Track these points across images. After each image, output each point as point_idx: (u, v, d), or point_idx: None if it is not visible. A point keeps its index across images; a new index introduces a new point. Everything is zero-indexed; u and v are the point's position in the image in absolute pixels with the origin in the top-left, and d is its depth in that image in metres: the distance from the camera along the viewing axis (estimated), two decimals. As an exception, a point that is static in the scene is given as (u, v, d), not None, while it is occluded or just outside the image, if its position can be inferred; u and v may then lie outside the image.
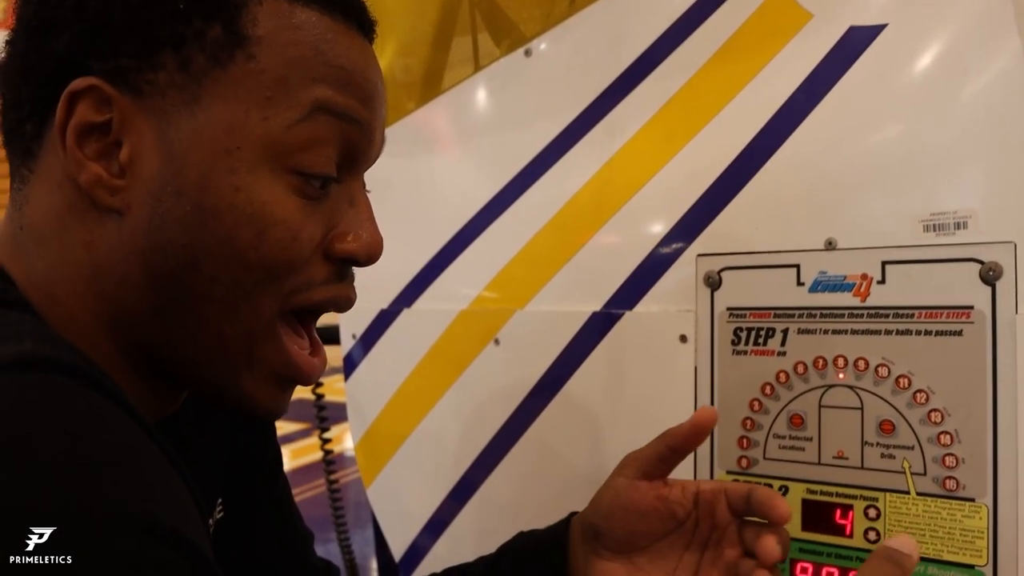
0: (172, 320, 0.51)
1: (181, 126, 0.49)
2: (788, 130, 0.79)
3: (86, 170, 0.49)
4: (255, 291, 0.50)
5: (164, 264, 0.49)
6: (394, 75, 1.17)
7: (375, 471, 1.14)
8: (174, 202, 0.49)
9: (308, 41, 0.51)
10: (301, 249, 0.51)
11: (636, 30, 0.91)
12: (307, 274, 0.52)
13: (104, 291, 0.51)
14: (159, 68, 0.49)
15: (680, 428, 0.68)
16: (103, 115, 0.49)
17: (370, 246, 0.55)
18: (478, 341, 1.00)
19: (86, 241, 0.50)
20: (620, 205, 0.89)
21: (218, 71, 0.49)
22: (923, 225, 0.71)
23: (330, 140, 0.52)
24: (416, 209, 1.10)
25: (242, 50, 0.49)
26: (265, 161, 0.50)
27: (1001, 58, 0.70)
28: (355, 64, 0.53)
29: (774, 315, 0.78)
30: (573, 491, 0.93)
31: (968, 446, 0.69)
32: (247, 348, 0.52)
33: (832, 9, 0.79)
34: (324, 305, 0.55)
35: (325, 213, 0.53)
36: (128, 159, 0.49)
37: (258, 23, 0.50)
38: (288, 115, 0.50)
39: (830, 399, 0.75)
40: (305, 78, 0.50)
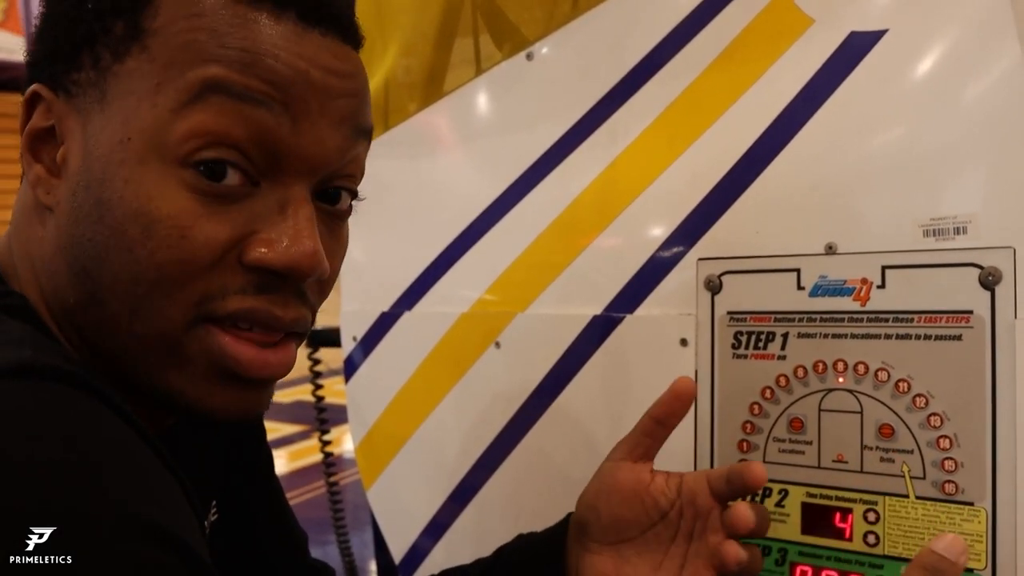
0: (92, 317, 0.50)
1: (94, 122, 0.50)
2: (789, 135, 0.79)
3: (32, 170, 0.51)
4: (155, 292, 0.48)
5: (78, 259, 0.49)
6: (396, 77, 1.17)
7: (375, 473, 1.14)
8: (83, 196, 0.49)
9: (206, 27, 0.48)
10: (192, 249, 0.47)
11: (638, 34, 0.92)
12: (218, 280, 0.49)
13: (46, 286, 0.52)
14: (80, 68, 0.50)
15: (661, 397, 0.70)
16: (49, 120, 0.51)
17: (291, 256, 0.49)
18: (479, 344, 1.00)
19: (38, 238, 0.52)
20: (621, 209, 0.89)
21: (117, 66, 0.49)
22: (923, 230, 0.72)
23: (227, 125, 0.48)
24: (417, 212, 1.10)
25: (138, 43, 0.49)
26: (153, 151, 0.48)
27: (1001, 63, 0.70)
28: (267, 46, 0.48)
29: (774, 319, 0.78)
30: (573, 494, 0.93)
31: (967, 450, 0.69)
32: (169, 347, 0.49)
33: (833, 14, 0.79)
34: (239, 316, 0.50)
35: (241, 216, 0.49)
36: (62, 158, 0.51)
37: (158, 15, 0.49)
38: (174, 98, 0.47)
39: (830, 403, 0.75)
40: (195, 60, 0.47)
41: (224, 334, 0.50)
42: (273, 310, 0.51)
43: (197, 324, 0.49)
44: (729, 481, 0.67)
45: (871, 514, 0.73)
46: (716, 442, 0.81)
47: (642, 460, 0.71)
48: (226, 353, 0.50)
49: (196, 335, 0.49)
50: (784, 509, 0.77)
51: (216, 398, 0.51)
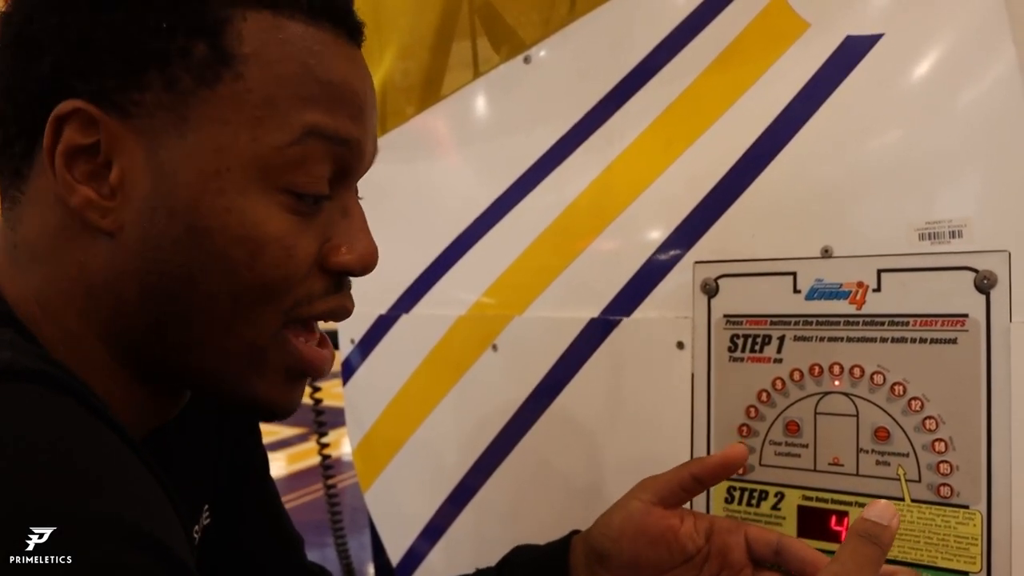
0: (172, 336, 0.51)
1: (170, 146, 0.48)
2: (785, 138, 0.79)
3: (76, 193, 0.49)
4: (255, 307, 0.50)
5: (159, 284, 0.49)
6: (394, 80, 1.17)
7: (373, 476, 1.14)
8: (166, 223, 0.48)
9: (296, 56, 0.50)
10: (297, 265, 0.51)
11: (635, 38, 0.92)
12: (306, 288, 0.52)
13: (100, 309, 0.51)
14: (145, 88, 0.48)
15: (709, 459, 0.68)
16: (91, 137, 0.48)
17: (364, 257, 0.55)
18: (476, 347, 1.00)
19: (80, 261, 0.50)
20: (618, 212, 0.89)
21: (205, 91, 0.48)
22: (918, 233, 0.72)
23: (321, 160, 0.51)
24: (415, 214, 1.10)
25: (229, 69, 0.48)
26: (255, 181, 0.49)
27: (996, 67, 0.70)
28: (344, 77, 0.52)
29: (771, 322, 0.78)
30: (570, 497, 0.93)
31: (962, 453, 0.69)
32: (254, 357, 0.52)
33: (829, 18, 0.79)
34: (324, 317, 0.55)
35: (319, 227, 0.53)
36: (118, 180, 0.49)
37: (244, 40, 0.49)
38: (278, 137, 0.49)
39: (826, 406, 0.75)
40: (295, 98, 0.50)
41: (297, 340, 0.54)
42: (347, 304, 0.56)
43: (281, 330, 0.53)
44: (779, 556, 0.66)
45: (867, 517, 0.73)
46: (712, 445, 0.81)
47: (673, 507, 0.70)
48: (302, 357, 0.54)
49: (276, 342, 0.53)
50: (780, 512, 0.77)
51: (289, 397, 0.55)
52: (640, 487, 0.71)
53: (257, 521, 0.79)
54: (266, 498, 0.80)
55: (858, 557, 0.53)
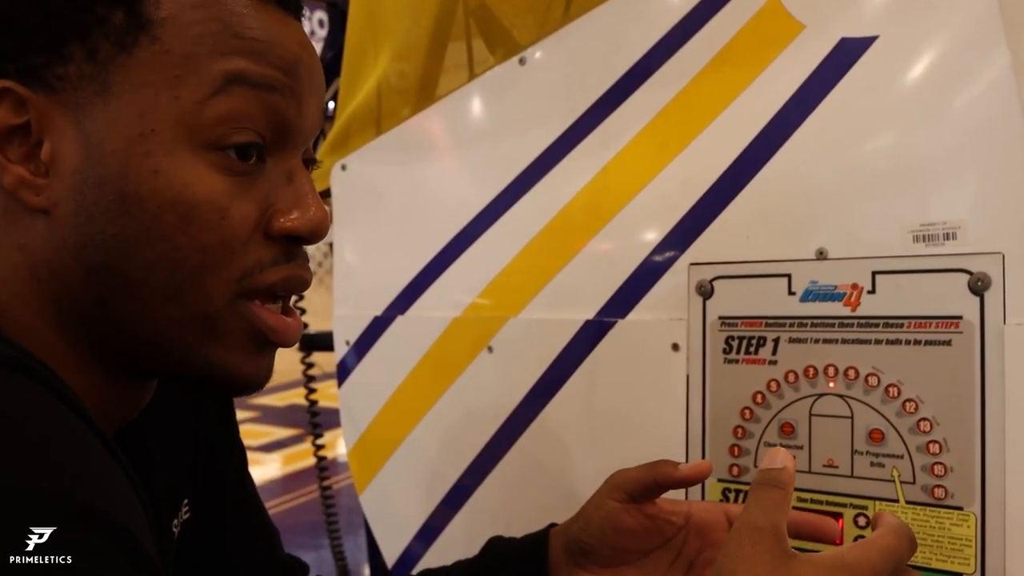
0: (117, 310, 0.50)
1: (96, 116, 0.48)
2: (780, 140, 0.80)
3: (8, 173, 0.49)
4: (197, 275, 0.50)
5: (97, 256, 0.49)
6: (389, 81, 1.17)
7: (368, 478, 1.14)
8: (97, 193, 0.48)
9: (214, 17, 0.50)
10: (233, 228, 0.50)
11: (630, 40, 0.92)
12: (253, 256, 0.51)
13: (45, 291, 0.50)
14: (68, 61, 0.48)
15: (676, 470, 0.69)
16: (21, 116, 0.49)
17: (312, 221, 0.53)
18: (471, 348, 1.00)
19: (20, 244, 0.50)
20: (613, 214, 0.89)
21: (124, 56, 0.48)
22: (913, 236, 0.72)
23: (250, 112, 0.50)
24: (410, 216, 1.10)
25: (146, 33, 0.48)
26: (182, 141, 0.49)
27: (990, 71, 0.70)
28: (270, 35, 0.51)
29: (765, 324, 0.78)
30: (565, 498, 0.93)
31: (957, 455, 0.70)
32: (208, 325, 0.51)
33: (824, 20, 0.79)
34: (279, 287, 0.53)
35: (260, 191, 0.52)
36: (49, 157, 0.49)
37: (161, 5, 0.49)
38: (200, 90, 0.49)
39: (820, 408, 0.75)
40: (213, 52, 0.49)
41: (258, 307, 0.53)
42: (302, 274, 0.55)
43: (236, 300, 0.52)
44: None
45: (861, 519, 0.73)
46: (707, 447, 0.82)
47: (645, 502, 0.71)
48: (265, 325, 0.53)
49: (234, 310, 0.52)
50: (775, 514, 0.77)
51: (252, 366, 0.54)
52: (611, 485, 0.72)
53: (236, 514, 0.79)
54: (244, 491, 0.81)
55: (764, 502, 0.54)
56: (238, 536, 0.79)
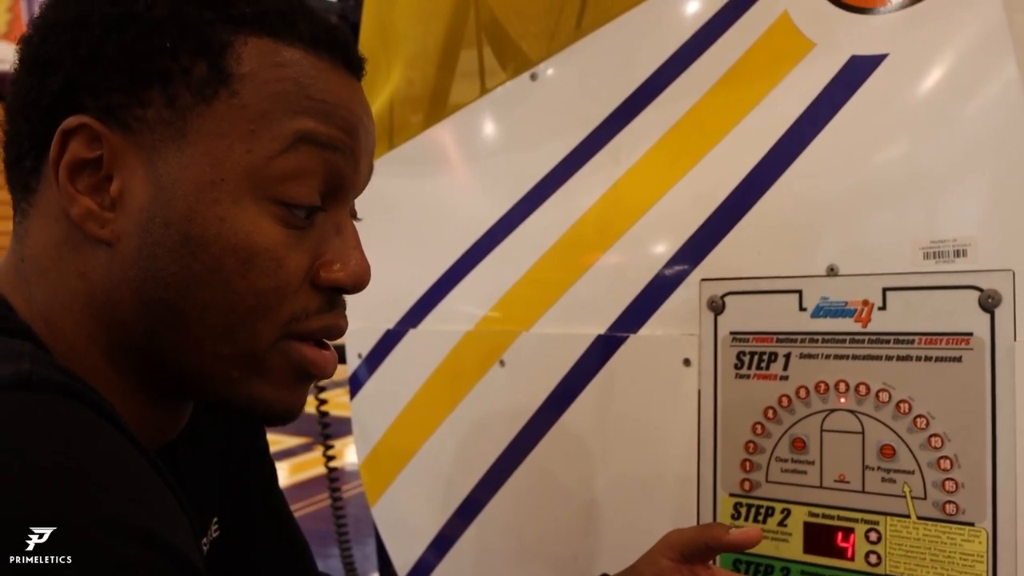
0: (168, 342, 0.52)
1: (169, 160, 0.50)
2: (791, 157, 0.80)
3: (77, 204, 0.51)
4: (249, 317, 0.52)
5: (156, 292, 0.51)
6: (400, 89, 1.18)
7: (380, 489, 1.15)
8: (163, 233, 0.50)
9: (291, 77, 0.52)
10: (287, 277, 0.52)
11: (641, 56, 0.93)
12: (301, 303, 0.54)
13: (99, 319, 0.52)
14: (147, 105, 0.50)
15: (727, 535, 0.70)
16: (94, 151, 0.51)
17: (356, 274, 0.56)
18: (484, 362, 1.01)
19: (80, 272, 0.52)
20: (625, 229, 0.90)
21: (203, 107, 0.50)
22: (923, 252, 0.72)
23: (314, 170, 0.53)
24: (423, 230, 1.11)
25: (226, 87, 0.50)
26: (248, 192, 0.51)
27: (999, 88, 0.71)
28: (337, 98, 0.54)
29: (776, 340, 0.79)
30: (577, 512, 0.93)
31: (967, 471, 0.70)
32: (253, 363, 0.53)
33: (834, 38, 0.80)
34: (319, 334, 0.56)
35: (311, 242, 0.54)
36: (118, 192, 0.51)
37: (243, 61, 0.51)
38: (270, 147, 0.51)
39: (832, 423, 0.76)
40: (287, 111, 0.52)
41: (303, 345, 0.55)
42: (340, 323, 0.57)
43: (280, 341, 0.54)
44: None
45: (873, 534, 0.74)
46: (719, 462, 0.82)
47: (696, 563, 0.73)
48: (307, 360, 0.55)
49: (279, 349, 0.54)
50: (787, 528, 0.78)
51: (292, 399, 0.56)
52: (666, 543, 0.73)
53: (266, 532, 0.79)
54: (275, 508, 0.81)
55: None
56: (269, 553, 0.79)
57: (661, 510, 0.86)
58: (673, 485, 0.84)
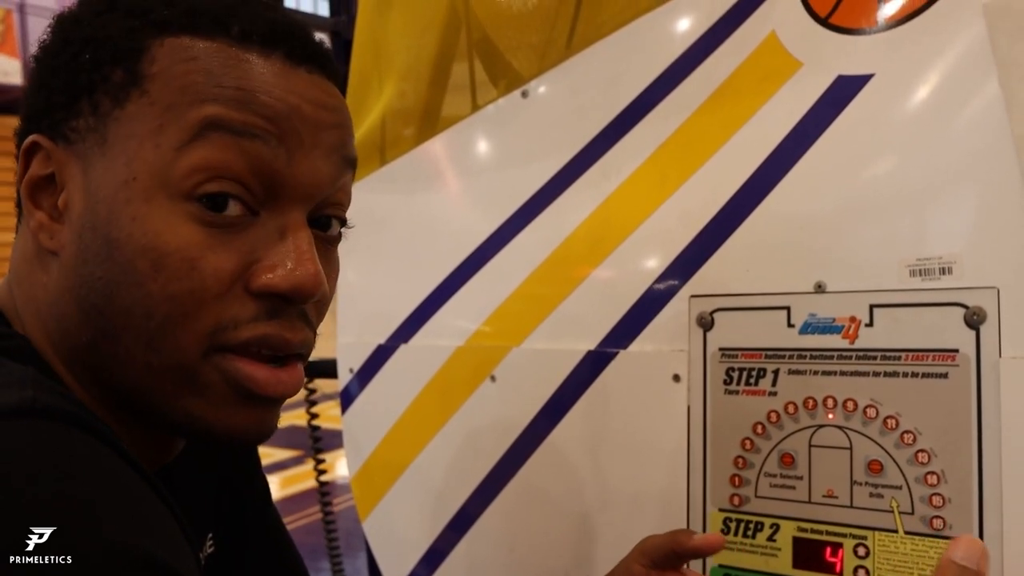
0: (105, 353, 0.51)
1: (96, 166, 0.51)
2: (779, 175, 0.81)
3: (33, 218, 0.53)
4: (167, 324, 0.49)
5: (88, 298, 0.51)
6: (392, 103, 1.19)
7: (372, 504, 1.15)
8: (91, 237, 0.51)
9: (202, 68, 0.50)
10: (202, 279, 0.49)
11: (631, 74, 0.94)
12: (229, 311, 0.50)
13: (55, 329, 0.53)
14: (79, 115, 0.52)
15: (690, 539, 0.72)
16: (48, 168, 0.53)
17: (295, 279, 0.51)
18: (474, 377, 1.02)
19: (42, 283, 0.53)
20: (615, 245, 0.91)
21: (118, 111, 0.51)
22: (909, 270, 0.73)
23: (226, 159, 0.50)
24: (414, 245, 1.12)
25: (137, 88, 0.51)
26: (160, 189, 0.50)
27: (983, 107, 0.72)
28: (259, 84, 0.51)
29: (765, 356, 0.80)
30: (568, 526, 0.94)
31: (954, 486, 0.71)
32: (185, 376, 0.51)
33: (821, 58, 0.81)
34: (252, 344, 0.51)
35: (244, 244, 0.51)
36: (64, 204, 0.52)
37: (156, 61, 0.51)
38: (177, 137, 0.50)
39: (820, 439, 0.77)
40: (194, 100, 0.50)
41: (238, 359, 0.51)
42: (284, 334, 0.52)
43: (211, 353, 0.51)
44: None
45: (861, 549, 0.74)
46: (708, 477, 0.83)
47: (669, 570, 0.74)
48: (242, 375, 0.51)
49: (211, 362, 0.51)
50: (776, 543, 0.78)
51: (234, 419, 0.52)
52: (639, 550, 0.75)
53: (259, 549, 0.80)
54: (269, 524, 0.81)
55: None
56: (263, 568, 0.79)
57: (651, 525, 0.86)
58: (663, 500, 0.85)
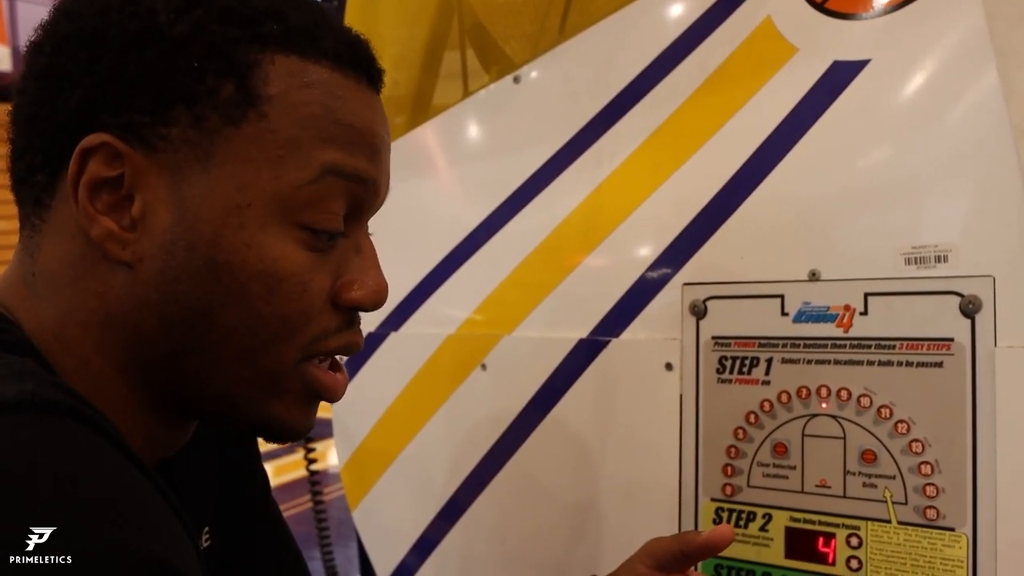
0: (189, 365, 0.52)
1: (193, 182, 0.49)
2: (773, 161, 0.80)
3: (97, 224, 0.49)
4: (273, 340, 0.52)
5: (178, 315, 0.50)
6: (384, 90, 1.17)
7: (362, 493, 1.14)
8: (187, 256, 0.49)
9: (318, 100, 0.51)
10: (311, 300, 0.52)
11: (624, 59, 0.93)
12: (322, 324, 0.53)
13: (118, 339, 0.51)
14: (172, 124, 0.49)
15: (697, 536, 0.69)
16: (115, 170, 0.49)
17: (375, 293, 0.55)
18: (465, 366, 1.01)
19: (98, 292, 0.51)
20: (607, 233, 0.90)
21: (230, 129, 0.49)
22: (904, 258, 0.73)
23: (338, 199, 0.52)
24: (404, 233, 1.11)
25: (254, 109, 0.50)
26: (274, 217, 0.51)
27: (980, 95, 0.71)
28: (363, 121, 0.53)
29: (759, 344, 0.79)
30: (559, 515, 0.93)
31: (948, 476, 0.70)
32: (273, 384, 0.53)
33: (817, 44, 0.80)
34: (338, 352, 0.56)
35: (332, 263, 0.54)
36: (140, 213, 0.50)
37: (270, 82, 0.50)
38: (298, 176, 0.51)
39: (813, 428, 0.76)
40: (315, 138, 0.51)
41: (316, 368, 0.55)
42: (358, 340, 0.57)
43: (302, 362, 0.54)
44: None
45: (854, 539, 0.74)
46: (701, 466, 0.82)
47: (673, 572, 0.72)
48: (322, 384, 0.55)
49: (298, 370, 0.54)
50: (768, 533, 0.78)
51: (305, 419, 0.57)
52: (644, 551, 0.73)
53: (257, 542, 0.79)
54: (269, 518, 0.80)
55: None
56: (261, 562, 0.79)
57: (643, 514, 0.86)
58: (655, 490, 0.84)
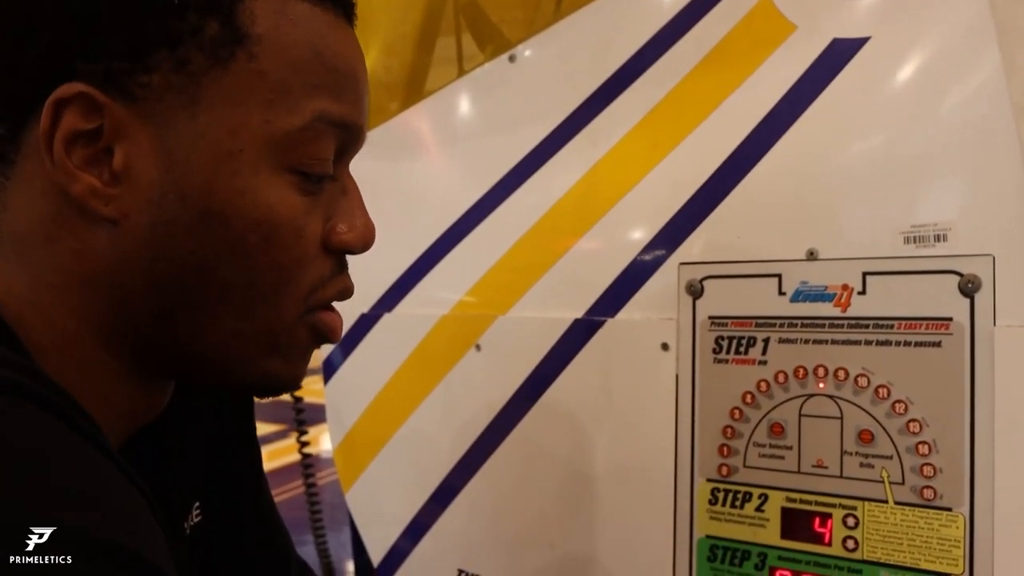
0: (179, 323, 0.49)
1: (179, 130, 0.47)
2: (771, 140, 0.79)
3: (78, 181, 0.46)
4: (271, 293, 0.50)
5: (169, 271, 0.48)
6: (377, 76, 1.16)
7: (354, 475, 1.14)
8: (178, 208, 0.47)
9: (305, 40, 0.49)
10: (306, 247, 0.51)
11: (621, 38, 0.92)
12: (317, 271, 0.52)
13: (99, 300, 0.49)
14: (153, 70, 0.46)
15: None
16: (92, 122, 0.46)
17: (364, 235, 0.54)
18: (460, 346, 1.00)
19: (77, 250, 0.48)
20: (603, 212, 0.89)
21: (218, 71, 0.47)
22: (903, 237, 0.72)
23: (328, 143, 0.51)
24: (398, 213, 1.10)
25: (243, 49, 0.47)
26: (267, 162, 0.49)
27: (981, 72, 0.71)
28: (349, 65, 0.52)
29: (755, 324, 0.78)
30: (554, 497, 0.93)
31: (946, 456, 0.70)
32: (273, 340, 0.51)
33: (816, 21, 0.79)
34: (334, 299, 0.54)
35: (323, 207, 0.52)
36: (122, 167, 0.47)
37: (256, 19, 0.48)
38: (290, 121, 0.49)
39: (810, 408, 0.76)
40: (306, 84, 0.49)
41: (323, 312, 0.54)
42: (350, 285, 0.56)
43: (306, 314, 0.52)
44: None
45: (850, 519, 0.73)
46: (696, 447, 0.81)
47: None
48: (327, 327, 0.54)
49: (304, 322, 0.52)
50: (764, 514, 0.77)
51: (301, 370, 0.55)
52: None
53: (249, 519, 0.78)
54: (261, 493, 0.80)
55: None
56: (253, 538, 0.78)
57: (638, 495, 0.85)
58: (651, 470, 0.84)
